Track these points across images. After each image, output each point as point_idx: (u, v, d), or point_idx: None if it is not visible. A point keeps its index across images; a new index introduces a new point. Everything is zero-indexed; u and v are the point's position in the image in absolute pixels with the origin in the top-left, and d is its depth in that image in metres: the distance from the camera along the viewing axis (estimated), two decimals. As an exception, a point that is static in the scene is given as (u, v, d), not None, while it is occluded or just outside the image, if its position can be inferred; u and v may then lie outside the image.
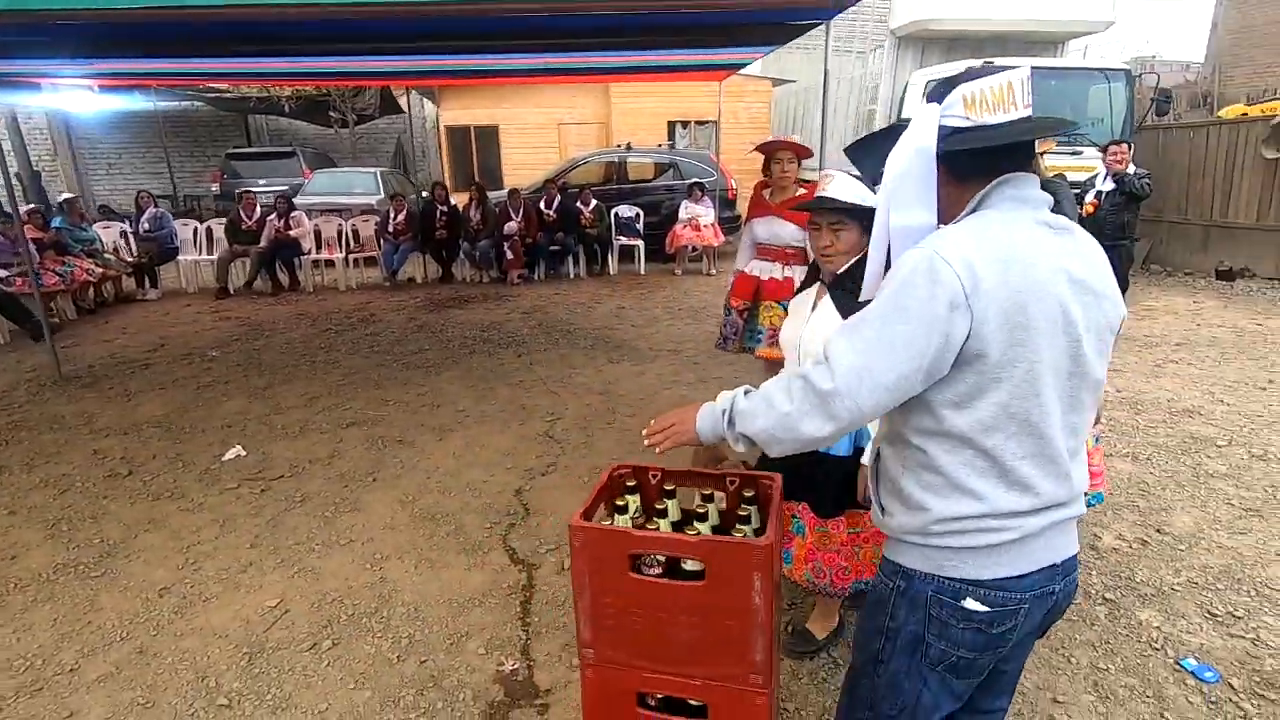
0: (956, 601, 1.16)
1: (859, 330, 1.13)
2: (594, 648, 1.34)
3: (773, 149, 3.44)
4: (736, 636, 1.25)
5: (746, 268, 3.65)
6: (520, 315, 7.21)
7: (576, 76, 9.84)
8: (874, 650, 1.26)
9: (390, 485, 3.54)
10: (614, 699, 1.36)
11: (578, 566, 1.31)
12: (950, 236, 1.12)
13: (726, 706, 1.30)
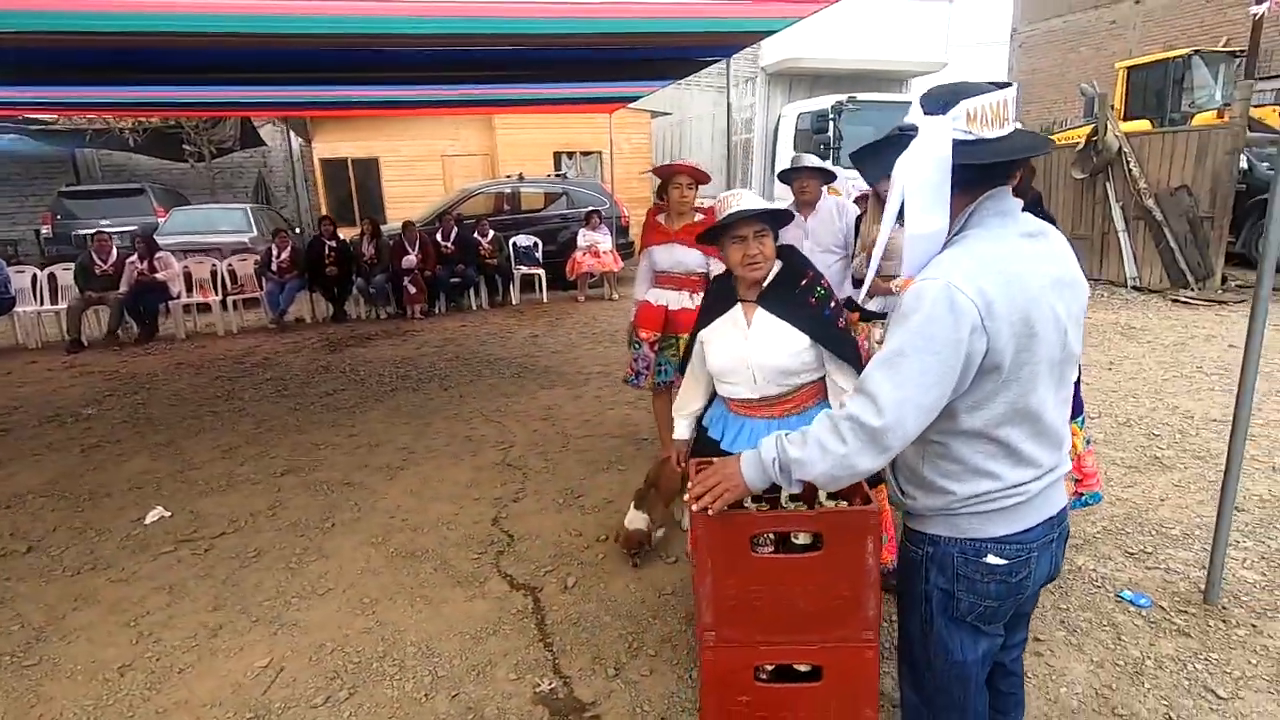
0: (979, 558, 1.33)
1: (895, 366, 1.22)
2: (715, 630, 1.43)
3: (670, 172, 3.35)
4: (851, 598, 1.40)
5: (649, 297, 3.51)
6: (433, 349, 7.01)
7: (461, 108, 9.82)
8: (920, 614, 1.41)
9: (351, 529, 3.36)
10: (733, 676, 1.46)
11: (700, 554, 1.40)
12: (958, 265, 1.24)
13: (839, 665, 1.43)
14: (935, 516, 1.36)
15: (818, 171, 3.60)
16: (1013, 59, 22.28)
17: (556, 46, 4.94)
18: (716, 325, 2.01)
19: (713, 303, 2.06)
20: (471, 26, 4.21)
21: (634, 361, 3.59)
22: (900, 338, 1.23)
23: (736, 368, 1.94)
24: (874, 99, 9.07)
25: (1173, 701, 2.06)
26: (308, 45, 4.27)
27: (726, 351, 1.96)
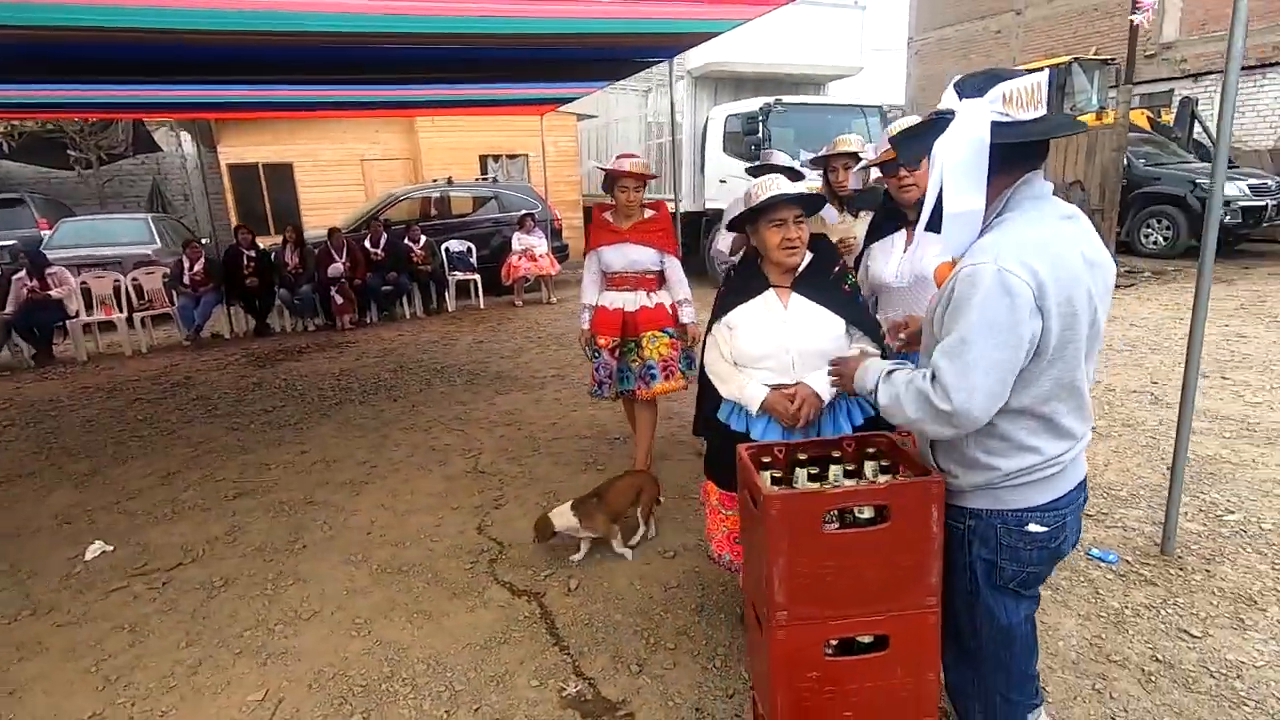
0: (1021, 528, 1.40)
1: (960, 355, 1.27)
2: (788, 609, 1.45)
3: (617, 175, 3.23)
4: (916, 566, 1.45)
5: (603, 301, 3.37)
6: (373, 360, 6.73)
7: (383, 110, 9.47)
8: (964, 586, 1.48)
9: (325, 549, 3.18)
10: (803, 653, 1.48)
11: (774, 536, 1.41)
12: (1005, 247, 1.27)
13: (904, 632, 1.48)
14: (976, 491, 1.42)
15: (786, 170, 3.31)
16: (910, 65, 23.68)
17: (490, 46, 4.83)
18: (746, 310, 1.98)
19: (738, 288, 2.03)
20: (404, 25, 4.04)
21: (595, 371, 3.44)
22: (961, 325, 1.28)
23: (774, 352, 1.94)
24: (799, 101, 9.39)
25: (1155, 644, 2.25)
26: (208, 42, 3.95)
27: (762, 336, 1.95)
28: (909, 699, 1.53)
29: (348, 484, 3.88)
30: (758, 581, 1.54)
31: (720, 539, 2.16)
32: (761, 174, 3.62)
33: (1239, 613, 2.38)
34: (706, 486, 2.24)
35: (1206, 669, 2.13)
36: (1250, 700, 2.00)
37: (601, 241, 3.33)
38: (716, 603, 2.61)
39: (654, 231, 3.33)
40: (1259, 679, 2.08)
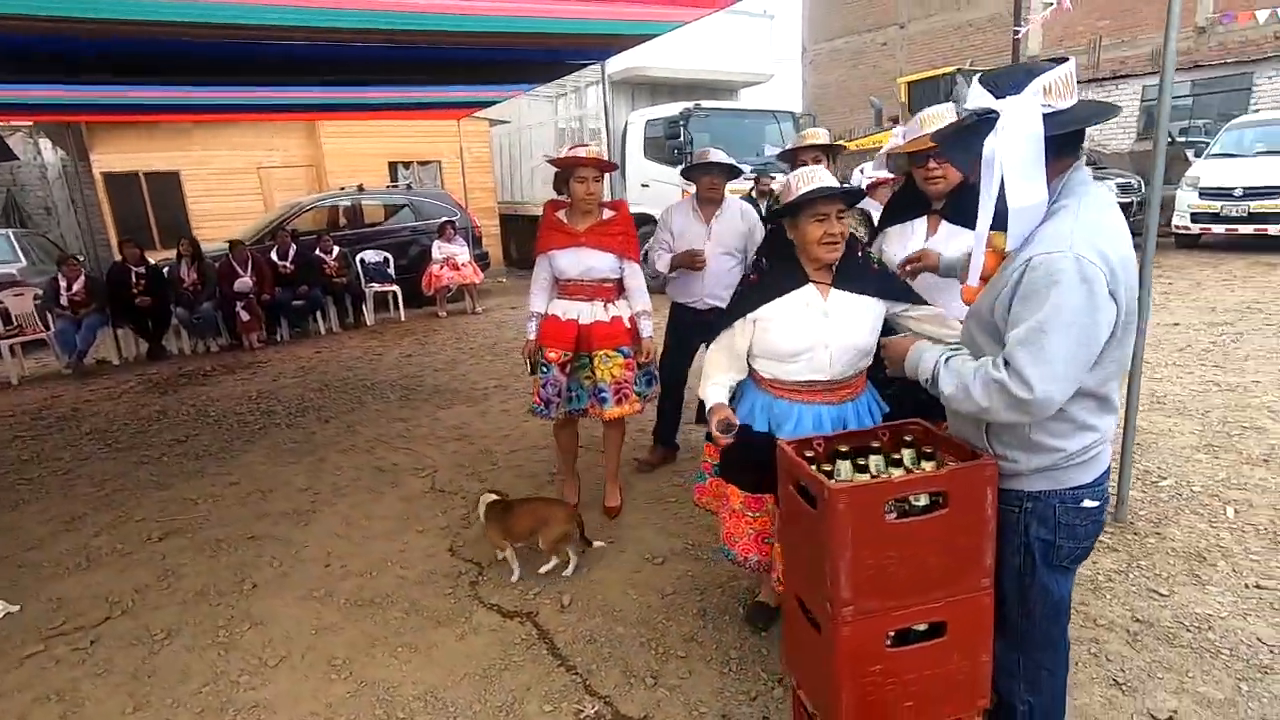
0: (1077, 504, 1.45)
1: (1040, 345, 1.27)
2: (854, 603, 1.42)
3: (574, 163, 2.90)
4: (973, 549, 1.46)
5: (555, 310, 3.04)
6: (292, 380, 6.27)
7: (282, 114, 8.87)
8: (1019, 567, 1.51)
9: (280, 587, 2.90)
10: (867, 647, 1.45)
11: (839, 530, 1.38)
12: (1077, 235, 1.30)
13: (962, 616, 1.49)
14: (1035, 474, 1.44)
15: (726, 168, 3.36)
16: (805, 74, 24.76)
17: (408, 44, 4.59)
18: (781, 305, 1.91)
19: (772, 281, 1.94)
20: (309, 19, 3.72)
21: (542, 388, 3.01)
22: (1039, 314, 1.28)
23: (812, 348, 1.89)
24: (716, 106, 9.58)
25: (1132, 606, 2.40)
26: (71, 32, 3.48)
27: (800, 332, 1.89)
28: (965, 682, 1.54)
29: (290, 514, 3.56)
30: (814, 579, 1.50)
31: (746, 541, 2.11)
32: (697, 174, 3.41)
33: (1194, 569, 2.58)
34: (726, 491, 2.19)
35: (1182, 624, 2.29)
36: (1225, 649, 2.17)
37: (554, 244, 2.99)
38: (718, 605, 2.57)
39: (613, 235, 3.00)
40: (1228, 629, 2.25)
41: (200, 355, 7.59)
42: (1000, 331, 1.40)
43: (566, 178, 2.96)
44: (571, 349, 3.01)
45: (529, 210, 12.20)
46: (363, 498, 3.70)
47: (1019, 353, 1.30)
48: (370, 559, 3.06)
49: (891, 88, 18.27)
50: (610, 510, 3.31)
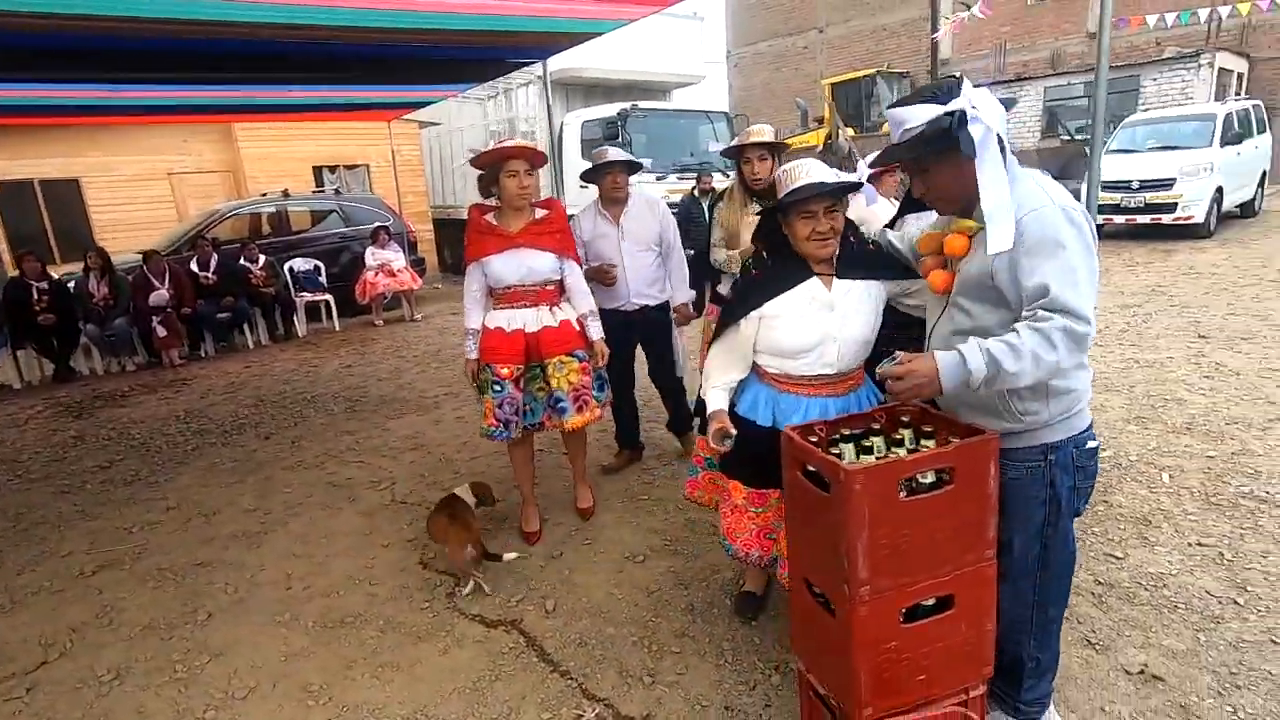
0: (1085, 446, 1.59)
1: (1075, 279, 1.38)
2: (870, 583, 1.43)
3: (502, 157, 2.67)
4: (979, 522, 1.50)
5: (499, 322, 2.81)
6: (222, 396, 5.91)
7: (192, 115, 8.35)
8: (1037, 521, 1.60)
9: (238, 614, 2.72)
10: (882, 624, 1.47)
11: (856, 511, 1.39)
12: (1046, 192, 1.46)
13: (968, 589, 1.53)
14: (1051, 425, 1.54)
15: (625, 164, 3.25)
16: (730, 76, 25.24)
17: (336, 40, 4.38)
18: (787, 300, 1.86)
19: (775, 276, 1.90)
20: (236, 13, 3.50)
21: (497, 409, 2.79)
22: (1061, 256, 1.39)
23: (820, 342, 1.87)
24: (653, 107, 9.63)
25: (1093, 569, 2.54)
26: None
27: (808, 327, 1.86)
28: (973, 652, 1.59)
29: (239, 537, 3.35)
30: (828, 562, 1.52)
31: (748, 537, 2.10)
32: (598, 176, 3.28)
33: (1142, 532, 2.76)
34: (720, 485, 2.18)
35: (1139, 584, 2.44)
36: (1180, 604, 2.32)
37: (488, 250, 2.73)
38: (704, 599, 2.57)
39: (551, 233, 2.81)
40: (1179, 585, 2.42)
41: (115, 375, 7.06)
42: (1002, 294, 1.48)
43: (493, 177, 2.73)
44: (523, 361, 2.81)
45: (462, 214, 11.94)
46: (318, 515, 3.52)
47: (1064, 293, 1.38)
48: (335, 578, 2.91)
49: (814, 89, 18.89)
50: (583, 512, 3.24)
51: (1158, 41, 15.85)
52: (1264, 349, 4.82)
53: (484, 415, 2.85)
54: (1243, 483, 3.06)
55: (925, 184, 1.62)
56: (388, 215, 9.64)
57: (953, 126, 1.47)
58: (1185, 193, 9.62)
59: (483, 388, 2.84)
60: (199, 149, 10.47)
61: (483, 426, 2.87)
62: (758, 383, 2.02)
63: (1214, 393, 4.11)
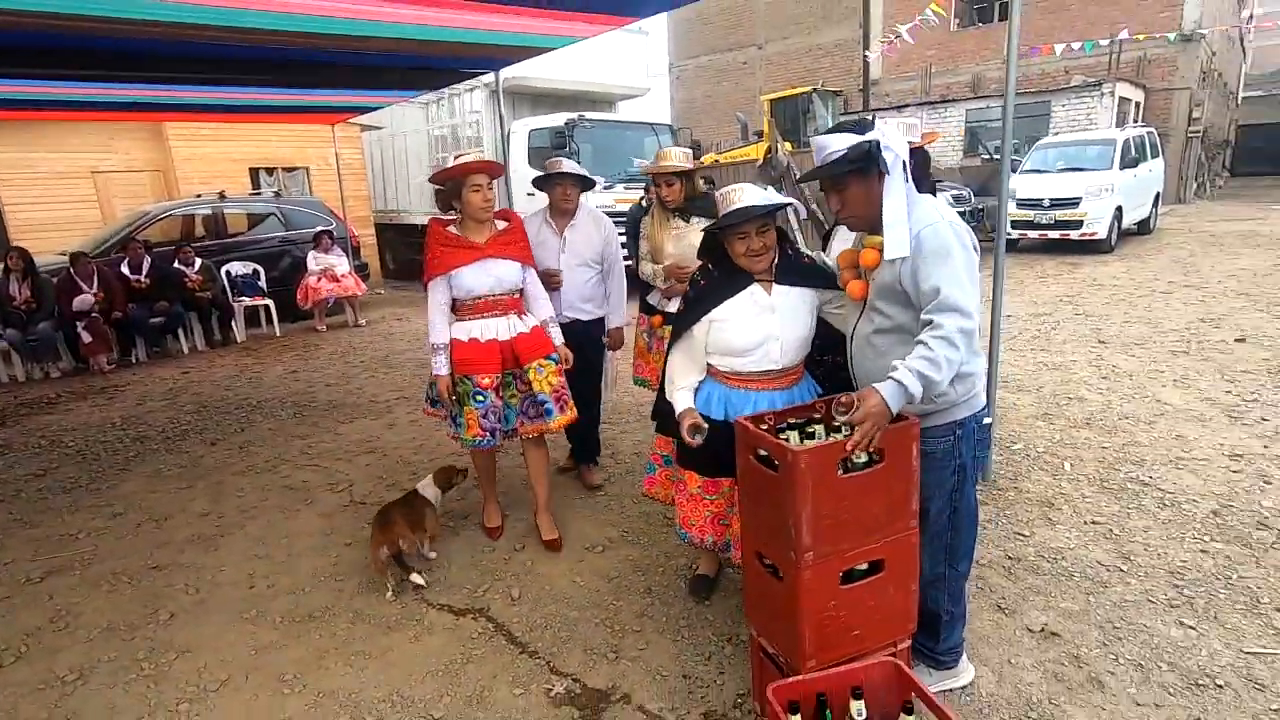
0: (981, 421, 1.91)
1: (960, 281, 1.65)
2: (813, 549, 1.65)
3: (464, 172, 2.71)
4: (904, 496, 1.74)
5: (472, 332, 2.83)
6: (161, 403, 5.76)
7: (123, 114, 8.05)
8: (949, 488, 1.88)
9: (203, 613, 2.75)
10: (822, 585, 1.69)
11: (801, 487, 1.60)
12: (939, 212, 1.77)
13: (896, 554, 1.77)
14: (957, 404, 1.83)
15: (578, 178, 3.28)
16: (673, 88, 25.73)
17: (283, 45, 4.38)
18: (732, 305, 2.07)
19: (719, 285, 2.10)
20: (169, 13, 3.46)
21: (482, 419, 2.82)
22: (950, 263, 1.68)
23: (763, 341, 2.07)
24: (599, 118, 9.84)
25: (1004, 546, 2.86)
26: None
27: (751, 329, 2.07)
28: (900, 611, 1.83)
29: (195, 540, 3.35)
30: (777, 534, 1.73)
31: (703, 524, 2.30)
32: (549, 185, 3.31)
33: (1046, 514, 3.11)
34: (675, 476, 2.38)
35: (1042, 557, 2.77)
36: (1075, 573, 2.65)
37: (457, 262, 2.75)
38: (661, 583, 2.76)
39: (515, 243, 2.89)
40: (1075, 557, 2.75)
41: (39, 382, 6.75)
42: (907, 295, 1.77)
43: (455, 192, 2.75)
44: (500, 369, 2.85)
45: (406, 219, 11.84)
46: (276, 517, 3.54)
47: (953, 294, 1.65)
48: (299, 576, 2.97)
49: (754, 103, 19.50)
50: (551, 544, 3.06)
51: (1066, 70, 17.11)
52: (1153, 353, 5.38)
53: (466, 427, 2.85)
54: (1130, 470, 3.47)
55: (841, 201, 1.89)
56: (330, 219, 9.50)
57: (873, 150, 1.77)
58: (1090, 211, 10.48)
59: (461, 400, 2.84)
60: (126, 147, 10.05)
61: (467, 439, 2.86)
62: (710, 381, 2.23)
63: (1110, 392, 4.59)
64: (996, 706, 2.03)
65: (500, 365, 2.84)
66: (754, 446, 1.80)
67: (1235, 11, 24.12)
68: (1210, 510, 3.03)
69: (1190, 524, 2.94)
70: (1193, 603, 2.43)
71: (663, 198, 3.14)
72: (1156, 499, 3.16)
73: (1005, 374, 5.09)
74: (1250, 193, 20.49)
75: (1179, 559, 2.69)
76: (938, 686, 2.04)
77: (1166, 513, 3.04)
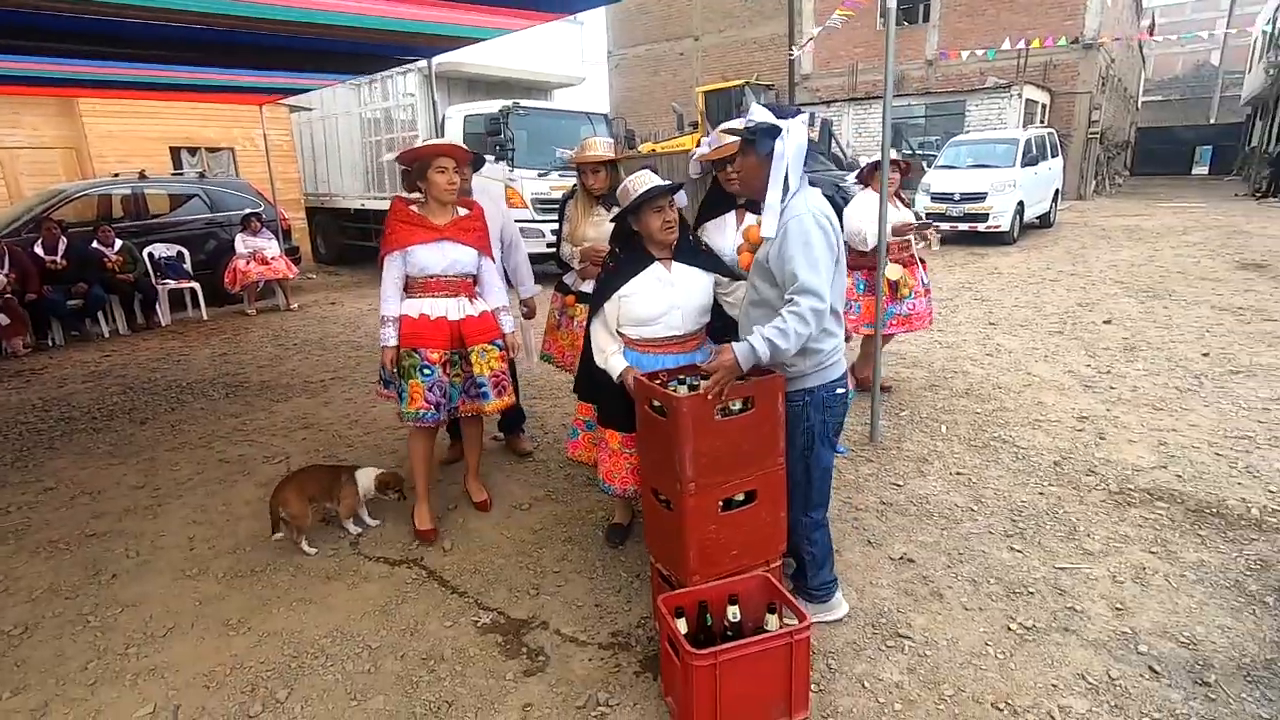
0: (834, 393, 2.19)
1: (813, 266, 1.93)
2: (695, 480, 1.98)
3: (432, 154, 2.79)
4: (772, 437, 2.09)
5: (422, 309, 2.90)
6: (84, 385, 5.70)
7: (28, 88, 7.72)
8: (802, 446, 2.20)
9: (145, 572, 2.90)
10: (705, 511, 2.03)
11: (684, 428, 1.93)
12: (807, 203, 2.05)
13: (766, 486, 2.12)
14: (810, 374, 2.14)
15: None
16: (611, 78, 25.87)
17: (195, 24, 4.38)
18: (638, 282, 2.40)
19: (625, 266, 2.44)
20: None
21: (428, 392, 2.89)
22: (808, 250, 1.97)
23: (667, 311, 2.39)
24: (535, 106, 9.98)
25: (880, 495, 3.29)
26: None
27: (655, 300, 2.38)
28: (771, 535, 2.19)
29: (133, 510, 3.46)
30: (667, 469, 2.06)
31: (624, 475, 2.60)
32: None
33: (920, 468, 3.57)
34: (597, 438, 2.68)
35: (911, 502, 3.21)
36: (935, 513, 3.10)
37: (415, 239, 2.84)
38: (581, 533, 3.07)
39: (474, 230, 2.99)
40: (938, 501, 3.21)
41: (-54, 365, 6.51)
42: (775, 275, 2.06)
43: (421, 173, 2.84)
44: (449, 347, 2.93)
45: (338, 203, 11.71)
46: (214, 488, 3.68)
47: (809, 278, 1.93)
48: (240, 538, 3.14)
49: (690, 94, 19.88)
50: (481, 505, 3.31)
51: (981, 72, 18.15)
52: (1034, 333, 6.01)
53: (409, 400, 2.90)
54: (995, 431, 3.98)
55: (737, 166, 2.21)
56: (258, 201, 9.36)
57: (770, 132, 2.07)
58: (995, 205, 11.30)
59: (406, 373, 2.90)
60: (34, 123, 9.59)
61: (409, 412, 2.90)
62: (625, 349, 2.54)
63: (990, 366, 5.15)
64: (855, 617, 2.42)
65: (449, 343, 2.92)
66: (649, 398, 2.12)
67: (1134, 21, 25.93)
68: (1053, 461, 3.55)
69: (1035, 473, 3.44)
70: (1024, 533, 2.91)
71: (588, 186, 3.30)
72: (1012, 454, 3.67)
73: (904, 351, 5.61)
74: (1144, 191, 22.24)
75: (1020, 499, 3.18)
76: (813, 619, 2.36)
77: (1018, 464, 3.55)
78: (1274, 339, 5.53)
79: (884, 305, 3.97)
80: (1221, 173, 29.68)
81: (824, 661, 2.21)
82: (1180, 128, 33.94)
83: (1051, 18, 17.22)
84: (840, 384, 2.20)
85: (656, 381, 2.17)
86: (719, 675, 1.80)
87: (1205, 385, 4.55)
